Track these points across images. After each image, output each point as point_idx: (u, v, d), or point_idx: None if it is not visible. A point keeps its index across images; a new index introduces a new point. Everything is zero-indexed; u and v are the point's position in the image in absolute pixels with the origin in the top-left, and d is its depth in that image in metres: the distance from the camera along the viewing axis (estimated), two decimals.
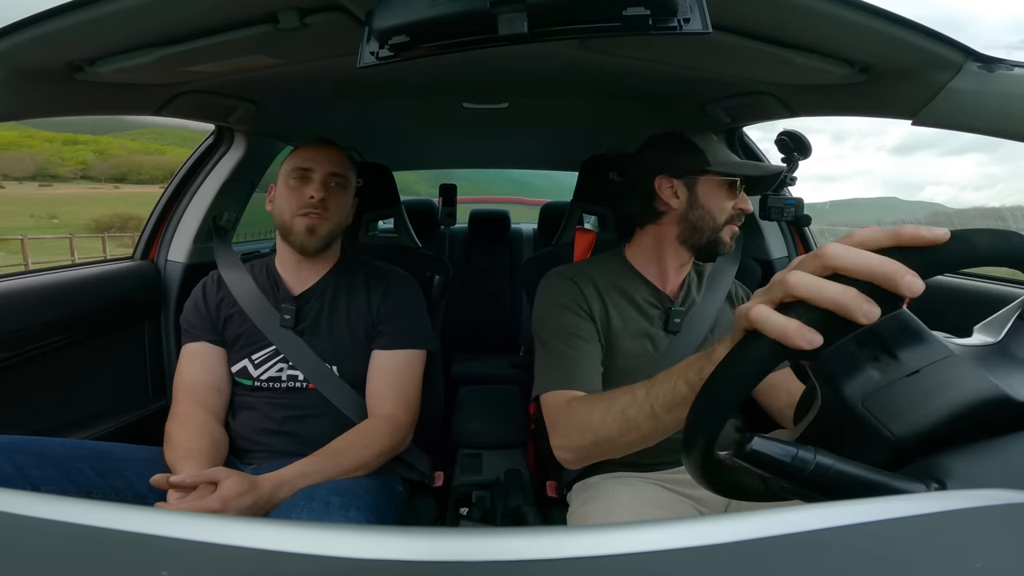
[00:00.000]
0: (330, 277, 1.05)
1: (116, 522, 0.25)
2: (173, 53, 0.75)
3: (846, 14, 0.64)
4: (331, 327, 1.01)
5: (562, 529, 0.26)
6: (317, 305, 1.02)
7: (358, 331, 1.01)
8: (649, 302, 0.96)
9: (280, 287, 1.03)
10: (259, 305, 1.01)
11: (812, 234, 1.50)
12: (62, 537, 0.26)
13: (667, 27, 0.54)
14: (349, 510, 0.74)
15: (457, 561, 0.24)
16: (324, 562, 0.24)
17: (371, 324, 1.02)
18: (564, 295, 0.92)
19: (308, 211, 0.97)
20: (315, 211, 0.98)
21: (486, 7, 0.51)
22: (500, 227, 2.72)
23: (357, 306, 1.02)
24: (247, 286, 1.03)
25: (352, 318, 1.02)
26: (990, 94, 0.70)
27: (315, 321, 1.01)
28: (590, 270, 0.97)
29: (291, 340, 0.99)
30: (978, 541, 0.27)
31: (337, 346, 1.00)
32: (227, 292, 1.03)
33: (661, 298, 0.97)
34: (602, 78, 1.10)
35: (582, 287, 0.93)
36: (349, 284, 1.04)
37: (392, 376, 0.99)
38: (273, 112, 1.25)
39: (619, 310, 0.94)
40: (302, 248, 1.00)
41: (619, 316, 0.93)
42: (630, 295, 0.95)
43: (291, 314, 1.00)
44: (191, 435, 0.90)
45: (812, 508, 0.27)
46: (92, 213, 30.77)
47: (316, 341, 1.00)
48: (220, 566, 0.24)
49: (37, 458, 0.77)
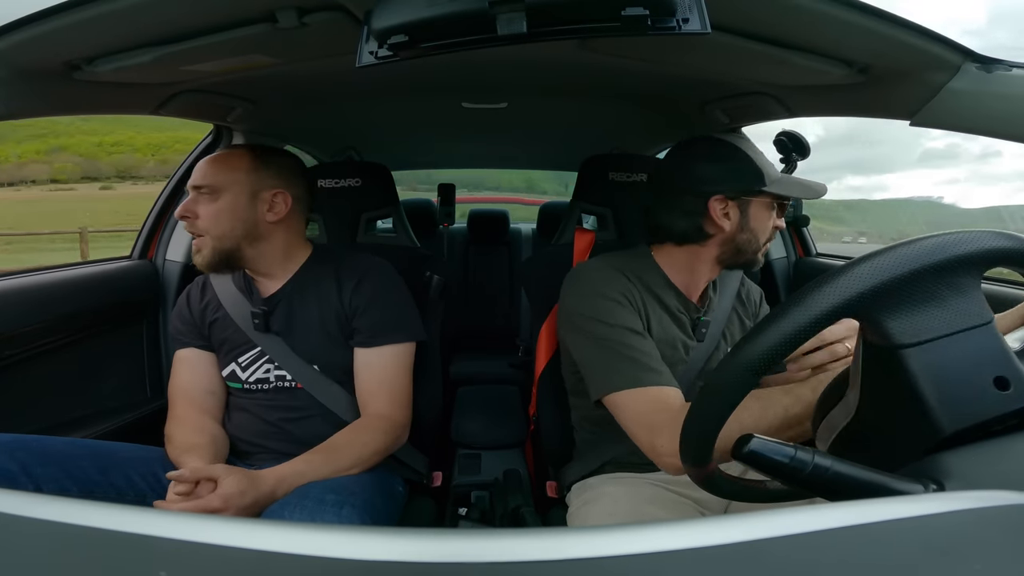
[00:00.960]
0: (298, 276, 1.01)
1: (113, 523, 0.25)
2: (171, 52, 0.75)
3: (845, 14, 0.64)
4: (305, 326, 0.99)
5: (562, 530, 0.26)
6: (286, 306, 0.99)
7: (331, 327, 0.98)
8: (679, 310, 0.93)
9: (254, 290, 1.01)
10: (241, 308, 0.99)
11: (810, 235, 1.50)
12: (61, 538, 0.26)
13: (666, 27, 0.54)
14: (343, 508, 0.74)
15: (456, 562, 0.24)
16: (323, 563, 0.24)
17: (344, 319, 0.99)
18: (614, 288, 0.86)
19: (190, 231, 0.95)
20: (192, 230, 0.94)
21: (485, 7, 0.51)
22: (499, 227, 2.72)
23: (328, 301, 0.99)
24: (229, 290, 1.01)
25: (324, 314, 0.99)
26: (988, 95, 0.70)
27: (287, 322, 0.99)
28: (629, 268, 0.91)
29: (273, 341, 0.98)
30: (977, 542, 0.27)
31: (313, 345, 0.98)
32: (211, 297, 1.02)
33: (688, 306, 0.94)
34: (601, 78, 1.10)
35: (631, 281, 0.88)
36: (318, 280, 1.01)
37: (379, 373, 0.97)
38: (271, 112, 1.25)
39: (655, 315, 0.90)
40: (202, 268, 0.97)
41: (657, 321, 0.89)
42: (663, 301, 0.92)
43: (260, 317, 0.97)
44: (190, 432, 0.90)
45: (811, 510, 0.27)
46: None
47: (294, 341, 0.98)
48: (217, 566, 0.24)
49: (39, 456, 0.77)
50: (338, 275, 1.01)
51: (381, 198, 1.42)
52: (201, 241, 0.94)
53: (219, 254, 0.94)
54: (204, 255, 0.94)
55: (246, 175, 0.95)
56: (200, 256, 0.94)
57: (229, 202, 0.94)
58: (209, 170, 0.94)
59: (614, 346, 0.81)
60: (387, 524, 0.89)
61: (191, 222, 0.93)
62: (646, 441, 0.75)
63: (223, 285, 1.02)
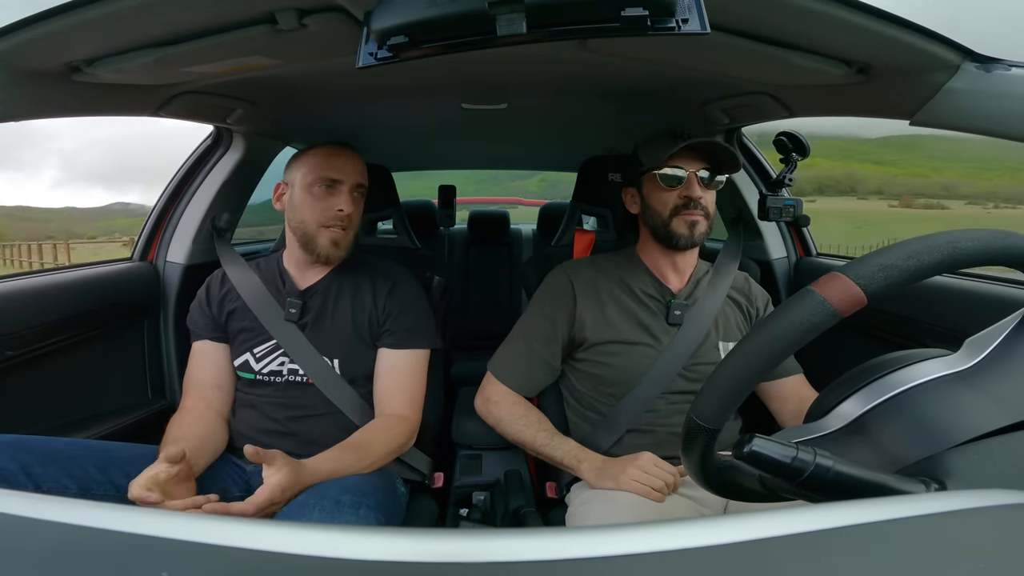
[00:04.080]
0: (335, 273, 1.05)
1: (116, 523, 0.25)
2: (172, 54, 0.75)
3: (844, 14, 0.64)
4: (334, 322, 1.02)
5: (562, 530, 0.26)
6: (321, 300, 1.03)
7: (362, 328, 1.02)
8: (648, 294, 1.02)
9: (287, 282, 1.04)
10: (262, 300, 1.02)
11: (810, 235, 1.50)
12: (63, 538, 0.26)
13: (665, 27, 0.54)
14: (360, 509, 0.74)
15: (458, 562, 0.24)
16: (324, 563, 0.24)
17: (376, 322, 1.02)
18: (548, 290, 1.04)
19: (335, 224, 0.98)
20: (340, 224, 0.98)
21: (485, 7, 0.51)
22: (499, 228, 2.72)
23: (362, 303, 1.03)
24: (251, 281, 1.04)
25: (356, 314, 1.02)
26: (988, 94, 0.70)
27: (318, 316, 1.02)
28: (597, 262, 1.06)
29: (292, 334, 0.99)
30: (979, 542, 0.27)
31: (339, 341, 1.01)
32: (231, 287, 1.04)
33: (663, 291, 1.02)
34: (601, 78, 1.10)
35: (573, 279, 1.02)
36: (354, 281, 1.05)
37: (403, 376, 1.01)
38: (272, 113, 1.25)
39: (615, 299, 1.01)
40: (327, 259, 1.00)
41: (615, 304, 1.01)
42: (629, 285, 1.02)
43: (296, 308, 1.00)
44: (184, 425, 0.93)
45: (812, 509, 0.27)
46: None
47: (318, 335, 1.00)
48: (219, 566, 0.24)
49: (40, 456, 0.77)
50: (373, 277, 1.05)
51: (381, 199, 1.42)
52: (345, 235, 1.00)
53: (353, 246, 1.02)
54: (344, 247, 1.00)
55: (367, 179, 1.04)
56: (340, 249, 1.00)
57: (362, 200, 1.04)
58: (365, 170, 1.03)
59: (515, 341, 1.04)
60: (394, 524, 0.89)
61: (350, 217, 0.99)
62: (478, 397, 1.05)
63: (241, 276, 1.05)
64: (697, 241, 0.98)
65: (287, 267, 1.05)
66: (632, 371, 0.97)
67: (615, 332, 0.98)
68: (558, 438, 0.96)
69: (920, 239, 0.38)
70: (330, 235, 0.98)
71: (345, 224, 0.99)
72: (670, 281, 1.03)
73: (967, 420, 0.37)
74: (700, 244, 1.01)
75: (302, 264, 1.04)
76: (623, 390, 0.97)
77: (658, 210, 0.98)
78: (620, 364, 0.98)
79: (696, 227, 0.97)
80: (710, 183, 0.98)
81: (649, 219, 1.01)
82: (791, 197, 1.27)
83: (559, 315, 1.01)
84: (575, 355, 1.03)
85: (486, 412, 1.03)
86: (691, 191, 0.96)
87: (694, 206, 0.96)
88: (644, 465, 0.87)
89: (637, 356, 0.97)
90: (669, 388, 0.96)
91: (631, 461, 0.88)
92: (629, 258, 1.06)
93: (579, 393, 1.03)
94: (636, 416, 0.96)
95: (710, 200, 0.98)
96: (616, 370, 0.98)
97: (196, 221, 1.36)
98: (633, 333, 0.98)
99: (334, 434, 0.92)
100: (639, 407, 0.96)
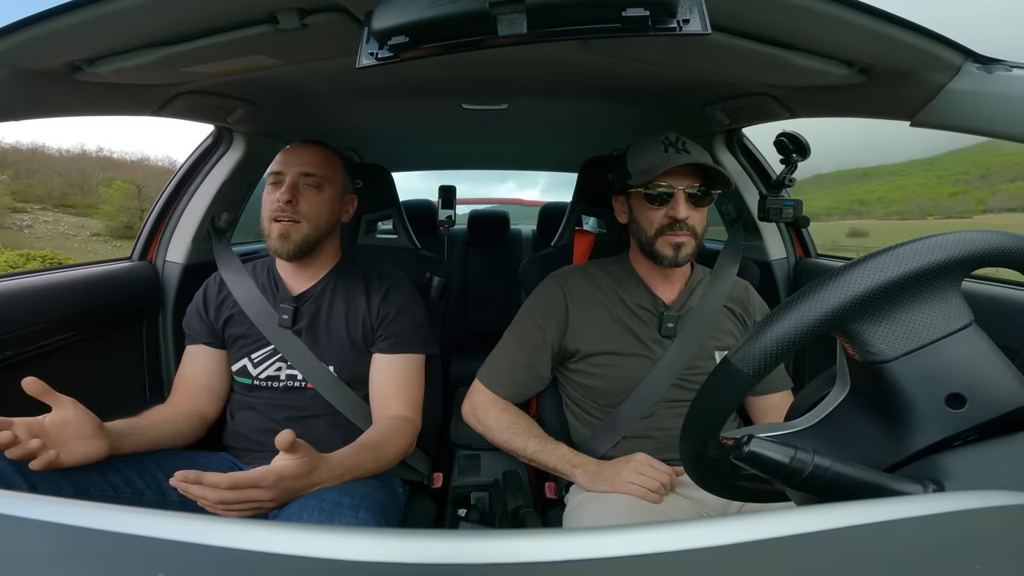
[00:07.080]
0: (329, 278, 1.04)
1: (111, 523, 0.25)
2: (172, 53, 0.75)
3: (845, 15, 0.64)
4: (328, 328, 1.01)
5: (561, 531, 0.26)
6: (314, 306, 1.02)
7: (356, 333, 1.01)
8: (640, 305, 1.00)
9: (280, 287, 1.03)
10: (258, 305, 1.01)
11: (810, 236, 1.50)
12: (59, 538, 0.26)
13: (666, 28, 0.54)
14: (359, 511, 0.74)
15: (456, 563, 0.24)
16: (323, 564, 0.24)
17: (370, 327, 1.02)
18: (539, 299, 1.03)
19: (278, 215, 0.95)
20: (284, 215, 0.95)
21: (486, 8, 0.51)
22: (499, 228, 2.72)
23: (356, 308, 1.02)
24: (246, 286, 1.03)
25: (350, 320, 1.01)
26: (989, 95, 0.70)
27: (312, 321, 1.01)
28: (589, 270, 1.04)
29: (289, 340, 0.99)
30: (976, 542, 0.27)
31: (334, 347, 1.00)
32: (228, 292, 1.04)
33: (655, 303, 1.00)
34: (602, 79, 1.10)
35: (565, 288, 1.01)
36: (348, 285, 1.04)
37: (398, 377, 1.00)
38: (272, 113, 1.25)
39: (607, 310, 0.99)
40: (276, 253, 0.98)
41: (607, 315, 0.99)
42: (622, 297, 1.00)
43: (288, 314, 0.99)
44: (155, 411, 0.93)
45: (811, 510, 0.27)
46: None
47: (313, 341, 1.00)
48: (214, 567, 0.24)
49: None
50: (366, 282, 1.04)
51: (381, 199, 1.42)
52: (294, 227, 0.96)
53: (309, 242, 0.97)
54: (294, 240, 0.96)
55: (342, 175, 1.03)
56: (288, 242, 0.95)
57: (330, 195, 1.00)
58: (320, 160, 0.99)
59: (506, 349, 1.03)
60: (393, 526, 0.89)
61: (293, 206, 0.95)
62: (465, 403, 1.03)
63: (237, 282, 1.04)
64: (682, 262, 0.94)
65: (281, 271, 1.05)
66: (625, 382, 0.96)
67: (607, 343, 0.97)
68: (550, 444, 0.95)
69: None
70: (278, 228, 0.95)
71: (292, 215, 0.95)
72: (662, 292, 1.01)
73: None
74: (687, 263, 0.97)
75: (295, 268, 1.03)
76: (617, 399, 0.97)
77: (644, 227, 0.96)
78: (613, 375, 0.97)
79: (681, 249, 0.93)
80: (700, 200, 0.94)
81: (636, 233, 0.99)
82: (791, 198, 1.27)
83: (549, 324, 0.99)
84: (568, 365, 1.02)
85: (475, 420, 1.01)
86: (677, 211, 0.92)
87: (680, 227, 0.92)
88: (639, 467, 0.86)
89: (630, 367, 0.96)
90: (665, 397, 0.96)
91: (625, 463, 0.88)
92: (622, 267, 1.04)
93: (576, 398, 1.03)
94: (633, 422, 0.95)
95: (698, 219, 0.94)
96: (609, 381, 0.97)
97: (196, 221, 1.36)
98: (626, 345, 0.97)
99: (334, 435, 0.92)
100: (635, 414, 0.95)
